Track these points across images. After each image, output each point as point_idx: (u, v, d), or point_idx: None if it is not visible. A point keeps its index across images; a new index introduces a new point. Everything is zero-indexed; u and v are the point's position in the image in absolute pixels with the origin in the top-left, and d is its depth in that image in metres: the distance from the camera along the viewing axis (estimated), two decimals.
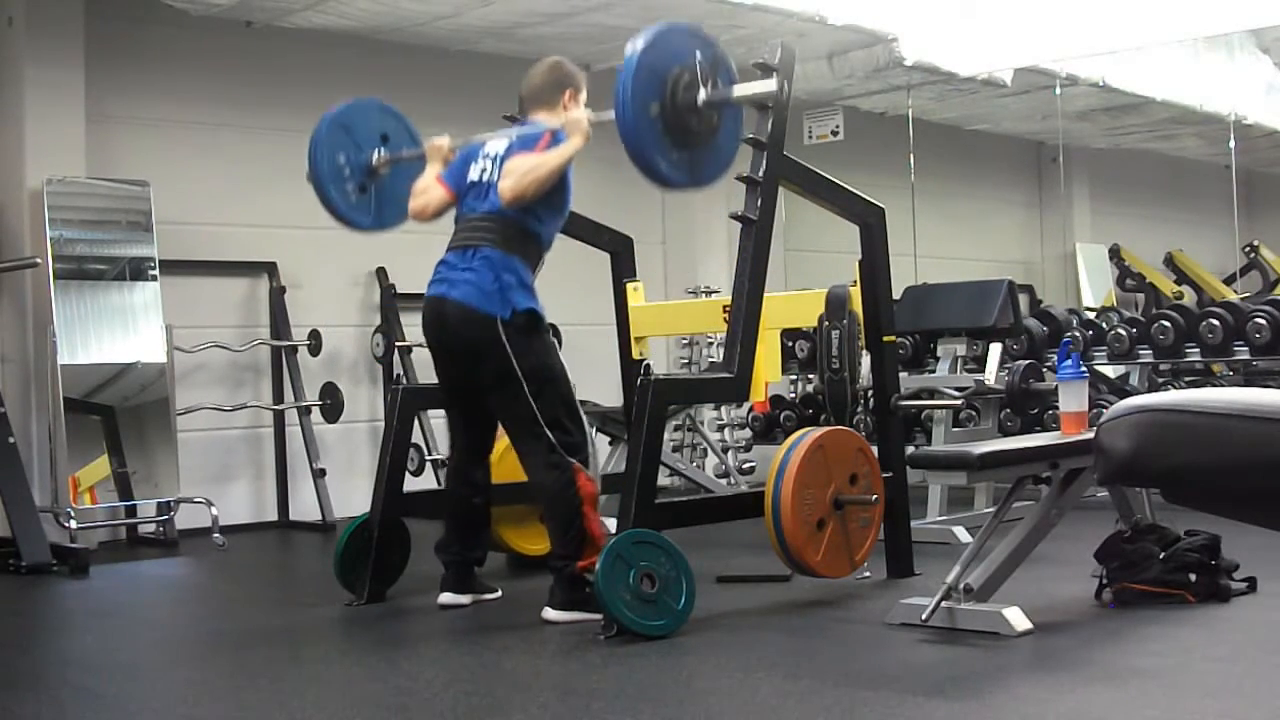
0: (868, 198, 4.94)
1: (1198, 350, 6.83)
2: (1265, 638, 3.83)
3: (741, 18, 6.90)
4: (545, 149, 4.33)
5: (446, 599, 4.53)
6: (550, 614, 4.22)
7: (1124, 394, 6.36)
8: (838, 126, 9.19)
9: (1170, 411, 2.09)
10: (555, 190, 4.36)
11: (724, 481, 7.61)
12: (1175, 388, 7.58)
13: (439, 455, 7.16)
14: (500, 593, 4.69)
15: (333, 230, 5.18)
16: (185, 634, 4.59)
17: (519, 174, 4.28)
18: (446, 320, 4.36)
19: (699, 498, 5.82)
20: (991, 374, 6.37)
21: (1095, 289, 11.37)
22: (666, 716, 3.11)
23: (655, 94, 4.10)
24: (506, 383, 4.30)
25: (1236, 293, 10.88)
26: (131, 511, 6.57)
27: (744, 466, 7.87)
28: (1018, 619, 3.83)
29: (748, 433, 8.00)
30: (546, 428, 4.28)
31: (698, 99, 4.15)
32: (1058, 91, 9.40)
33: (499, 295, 4.28)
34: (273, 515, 7.26)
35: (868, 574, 4.76)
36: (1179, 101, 9.61)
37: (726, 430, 8.28)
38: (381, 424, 6.02)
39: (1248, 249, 11.41)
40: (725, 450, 8.10)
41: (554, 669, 3.75)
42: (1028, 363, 6.43)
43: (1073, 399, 4.29)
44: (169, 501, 6.45)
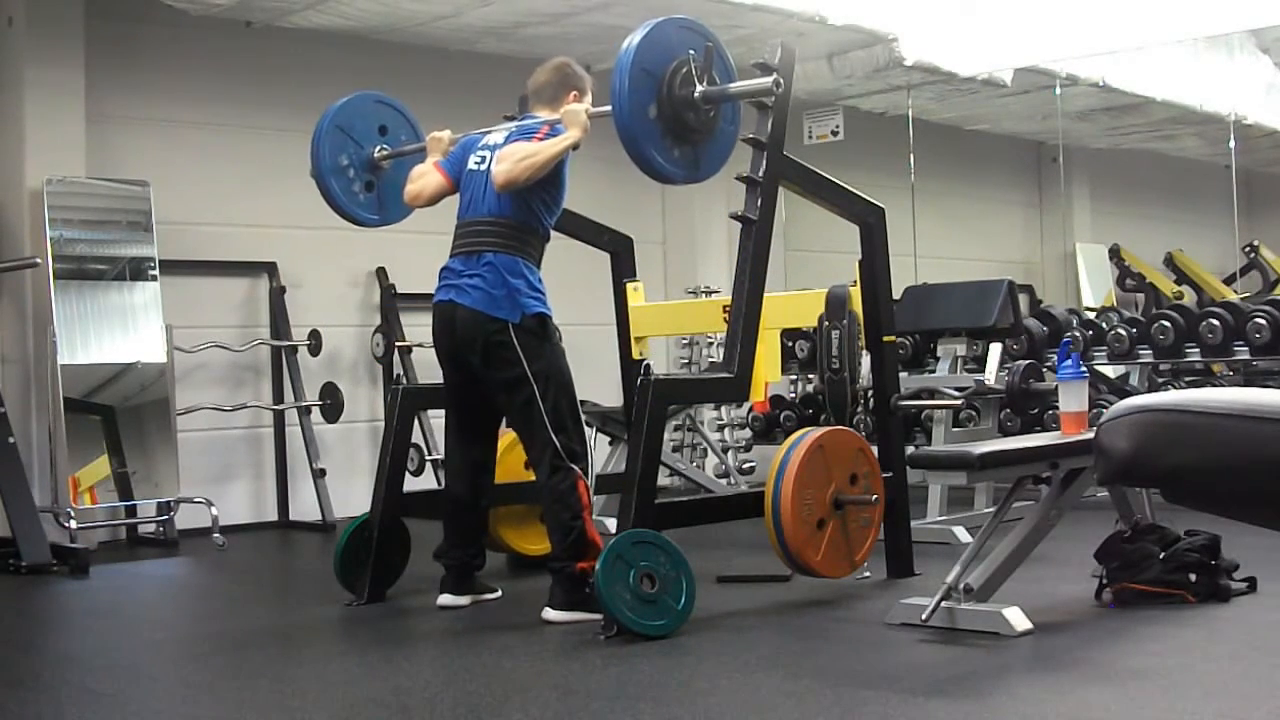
0: (868, 198, 4.94)
1: (1198, 350, 6.83)
2: (1265, 638, 3.83)
3: (741, 17, 6.90)
4: (543, 140, 4.33)
5: (446, 600, 4.53)
6: (550, 614, 4.22)
7: (1124, 394, 6.35)
8: (838, 126, 9.19)
9: (1170, 411, 2.09)
10: (550, 183, 4.35)
11: (724, 481, 7.61)
12: (1175, 388, 7.57)
13: (439, 455, 7.15)
14: (500, 593, 4.69)
15: (333, 230, 5.18)
16: (185, 634, 4.58)
17: (513, 159, 4.27)
18: (457, 326, 4.36)
19: (699, 498, 5.82)
20: (991, 374, 6.37)
21: (1095, 289, 11.36)
22: (666, 716, 3.11)
23: (651, 88, 4.10)
24: (518, 386, 4.30)
25: (1236, 293, 10.87)
26: (131, 511, 6.57)
27: (744, 466, 7.86)
28: (1018, 619, 3.83)
29: (748, 433, 8.00)
30: (553, 431, 4.29)
31: (694, 93, 4.15)
32: (1058, 91, 9.39)
33: (509, 300, 4.29)
34: (273, 515, 7.25)
35: (868, 574, 4.76)
36: (1179, 101, 9.60)
37: (726, 430, 8.28)
38: (381, 424, 6.01)
39: (1248, 249, 11.40)
40: (725, 450, 8.09)
41: (554, 669, 3.75)
42: (1028, 363, 6.42)
43: (1073, 399, 4.29)
44: (169, 501, 6.45)
